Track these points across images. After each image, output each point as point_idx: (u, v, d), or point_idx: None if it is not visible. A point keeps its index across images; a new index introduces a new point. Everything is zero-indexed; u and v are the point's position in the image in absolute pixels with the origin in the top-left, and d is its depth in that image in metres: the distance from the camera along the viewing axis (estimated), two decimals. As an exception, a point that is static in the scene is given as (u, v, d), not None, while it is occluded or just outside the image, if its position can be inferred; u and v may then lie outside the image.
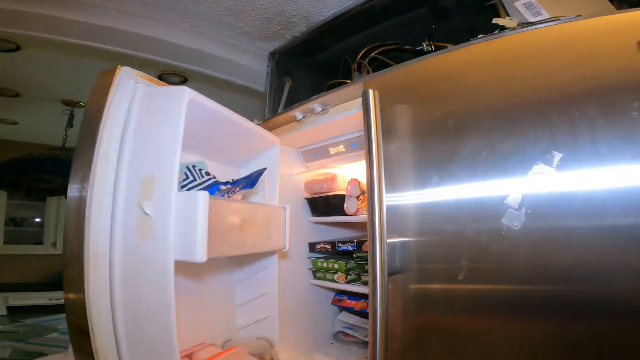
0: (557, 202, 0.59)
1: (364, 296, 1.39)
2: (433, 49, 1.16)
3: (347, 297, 1.45)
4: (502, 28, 0.87)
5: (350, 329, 1.47)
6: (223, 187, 1.01)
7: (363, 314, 1.44)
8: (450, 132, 0.70)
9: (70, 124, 2.89)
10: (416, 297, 0.74)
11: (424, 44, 1.18)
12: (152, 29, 1.50)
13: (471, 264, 0.66)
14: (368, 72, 1.30)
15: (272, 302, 1.19)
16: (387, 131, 0.79)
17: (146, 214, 0.73)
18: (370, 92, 0.77)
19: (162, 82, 0.89)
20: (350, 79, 1.40)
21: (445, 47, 1.07)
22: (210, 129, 1.00)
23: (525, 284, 0.61)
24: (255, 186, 1.17)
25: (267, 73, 1.58)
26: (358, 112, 1.03)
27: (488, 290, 0.65)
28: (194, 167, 1.02)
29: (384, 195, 0.74)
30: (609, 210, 0.55)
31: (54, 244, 3.81)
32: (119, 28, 1.45)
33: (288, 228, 1.16)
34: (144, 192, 0.75)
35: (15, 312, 3.33)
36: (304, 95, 1.55)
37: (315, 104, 1.13)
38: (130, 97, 0.81)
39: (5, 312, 3.34)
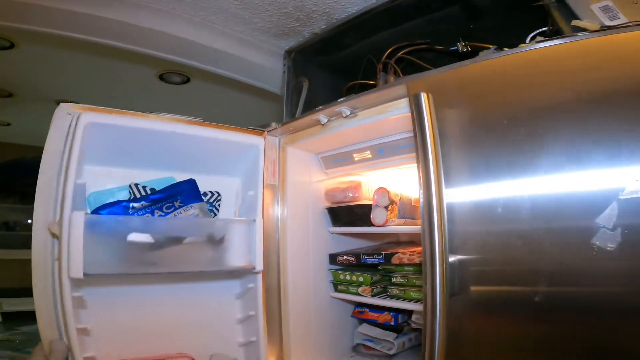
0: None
1: (387, 309, 1.32)
2: (469, 49, 1.08)
3: (368, 310, 1.39)
4: (551, 33, 0.80)
5: (371, 341, 1.40)
6: (137, 205, 0.99)
7: (386, 327, 1.38)
8: (522, 142, 0.62)
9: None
10: (476, 317, 0.66)
11: (458, 44, 1.10)
12: (159, 22, 1.40)
13: (549, 287, 0.59)
14: (395, 73, 1.22)
15: (257, 326, 1.11)
16: (440, 139, 0.70)
17: (52, 234, 0.83)
18: (423, 95, 0.68)
19: (98, 109, 0.93)
20: (372, 79, 1.32)
21: (487, 47, 1.00)
22: (160, 145, 1.03)
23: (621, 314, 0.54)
24: (204, 200, 1.12)
25: (284, 72, 1.49)
26: (394, 117, 0.94)
27: (570, 318, 0.57)
28: (136, 185, 1.03)
29: (445, 212, 0.66)
30: None
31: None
32: (124, 21, 1.34)
33: (260, 244, 1.09)
34: (60, 214, 0.84)
35: (10, 318, 3.25)
36: (320, 97, 1.46)
37: (343, 107, 1.05)
38: (67, 130, 0.91)
39: (0, 319, 3.25)
